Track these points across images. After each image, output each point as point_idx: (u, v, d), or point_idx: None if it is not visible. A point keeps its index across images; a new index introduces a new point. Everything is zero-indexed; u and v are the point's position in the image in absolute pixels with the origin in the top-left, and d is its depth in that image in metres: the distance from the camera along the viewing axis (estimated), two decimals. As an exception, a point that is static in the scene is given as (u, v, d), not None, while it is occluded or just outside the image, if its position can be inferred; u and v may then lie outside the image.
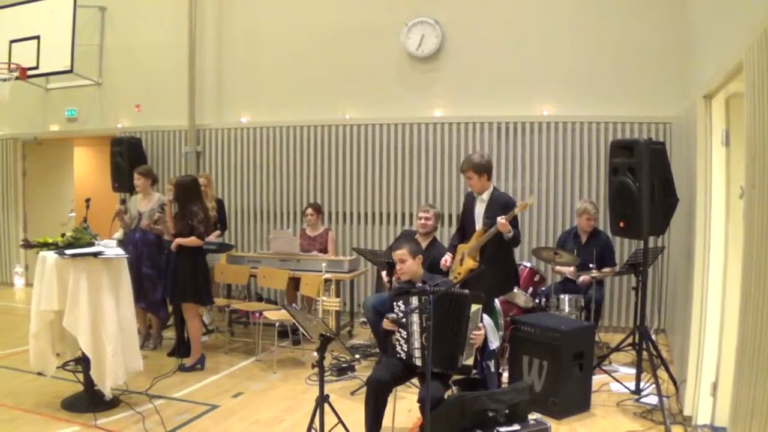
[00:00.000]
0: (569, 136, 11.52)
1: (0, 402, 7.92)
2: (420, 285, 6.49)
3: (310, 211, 11.58)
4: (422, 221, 9.58)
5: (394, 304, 6.50)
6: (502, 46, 11.81)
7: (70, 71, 13.66)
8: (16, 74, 13.73)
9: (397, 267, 6.81)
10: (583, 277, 9.66)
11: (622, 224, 7.87)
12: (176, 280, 9.34)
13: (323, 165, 13.08)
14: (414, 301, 6.21)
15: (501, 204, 8.26)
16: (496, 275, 8.18)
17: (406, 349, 6.38)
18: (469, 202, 8.72)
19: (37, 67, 13.81)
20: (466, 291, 6.29)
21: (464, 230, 8.80)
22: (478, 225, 8.42)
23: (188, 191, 9.36)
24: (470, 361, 6.28)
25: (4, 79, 13.81)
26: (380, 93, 12.63)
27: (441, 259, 8.69)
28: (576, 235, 10.23)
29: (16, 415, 7.53)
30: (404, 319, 6.32)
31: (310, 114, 13.08)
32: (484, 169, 8.35)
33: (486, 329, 6.57)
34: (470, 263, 8.28)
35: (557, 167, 11.59)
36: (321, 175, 13.09)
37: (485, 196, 8.42)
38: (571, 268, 9.86)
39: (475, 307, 6.20)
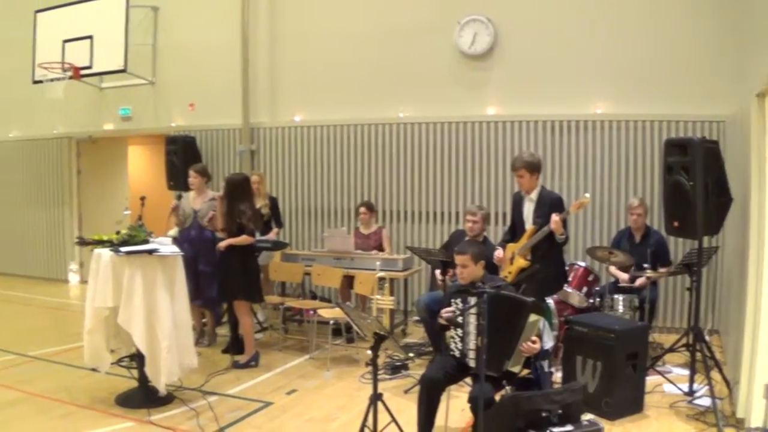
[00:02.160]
0: (623, 134, 11.37)
1: (55, 397, 8.01)
2: (480, 285, 6.42)
3: (363, 209, 11.54)
4: (470, 224, 9.45)
5: (452, 301, 6.48)
6: (555, 43, 11.69)
7: (124, 71, 13.82)
8: (69, 74, 13.87)
9: (458, 270, 6.72)
10: (639, 281, 9.53)
11: (676, 224, 7.80)
12: (226, 278, 9.41)
13: (376, 163, 13.07)
14: (473, 301, 6.17)
15: (550, 202, 8.22)
16: (548, 274, 8.14)
17: (460, 348, 6.35)
18: (517, 201, 8.67)
19: (90, 67, 13.96)
20: (529, 299, 6.20)
21: (514, 230, 8.76)
22: (528, 224, 8.36)
23: (237, 189, 9.41)
24: (516, 369, 6.20)
25: (58, 79, 13.94)
26: (433, 92, 12.56)
27: (493, 258, 8.67)
28: (630, 235, 10.10)
29: (70, 411, 7.60)
30: (460, 318, 6.29)
31: (363, 113, 13.08)
32: (535, 168, 8.32)
33: (540, 332, 6.51)
34: (521, 262, 8.23)
35: (611, 166, 11.45)
36: (374, 173, 13.09)
37: (534, 195, 8.37)
38: (626, 276, 9.72)
39: (533, 318, 6.08)
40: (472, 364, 6.26)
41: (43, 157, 16.96)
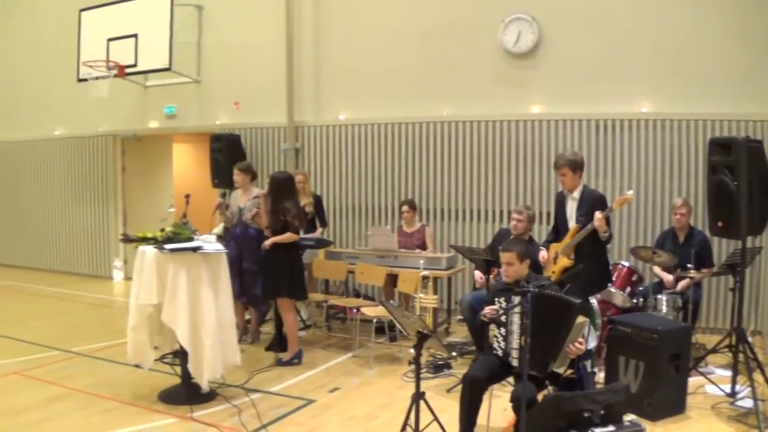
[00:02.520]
0: (667, 133, 11.25)
1: (98, 393, 8.08)
2: (525, 284, 6.38)
3: (405, 208, 11.55)
4: (514, 223, 9.48)
5: (496, 299, 6.46)
6: (599, 42, 11.59)
7: (169, 69, 13.87)
8: (114, 72, 13.97)
9: (503, 268, 6.69)
10: (682, 284, 9.45)
11: (720, 224, 7.71)
12: (270, 276, 9.43)
13: (420, 162, 13.02)
14: (517, 300, 6.15)
15: (593, 201, 8.15)
16: (591, 273, 8.05)
17: (503, 347, 6.33)
18: (560, 201, 8.60)
19: (135, 65, 14.04)
20: (577, 301, 6.16)
21: (558, 230, 8.71)
22: (571, 223, 8.29)
23: (281, 187, 9.42)
24: (561, 370, 6.18)
25: (103, 77, 14.03)
26: (477, 90, 12.50)
27: (538, 257, 8.62)
28: (674, 235, 10.02)
29: (113, 406, 7.67)
30: (503, 317, 6.26)
31: (407, 111, 13.03)
32: (578, 166, 8.26)
33: (585, 333, 6.47)
34: (565, 261, 8.17)
35: (655, 165, 11.34)
36: (418, 171, 13.04)
37: (576, 194, 8.29)
38: (670, 277, 9.63)
39: (581, 319, 6.04)
40: (515, 363, 6.25)
41: (88, 155, 17.10)
